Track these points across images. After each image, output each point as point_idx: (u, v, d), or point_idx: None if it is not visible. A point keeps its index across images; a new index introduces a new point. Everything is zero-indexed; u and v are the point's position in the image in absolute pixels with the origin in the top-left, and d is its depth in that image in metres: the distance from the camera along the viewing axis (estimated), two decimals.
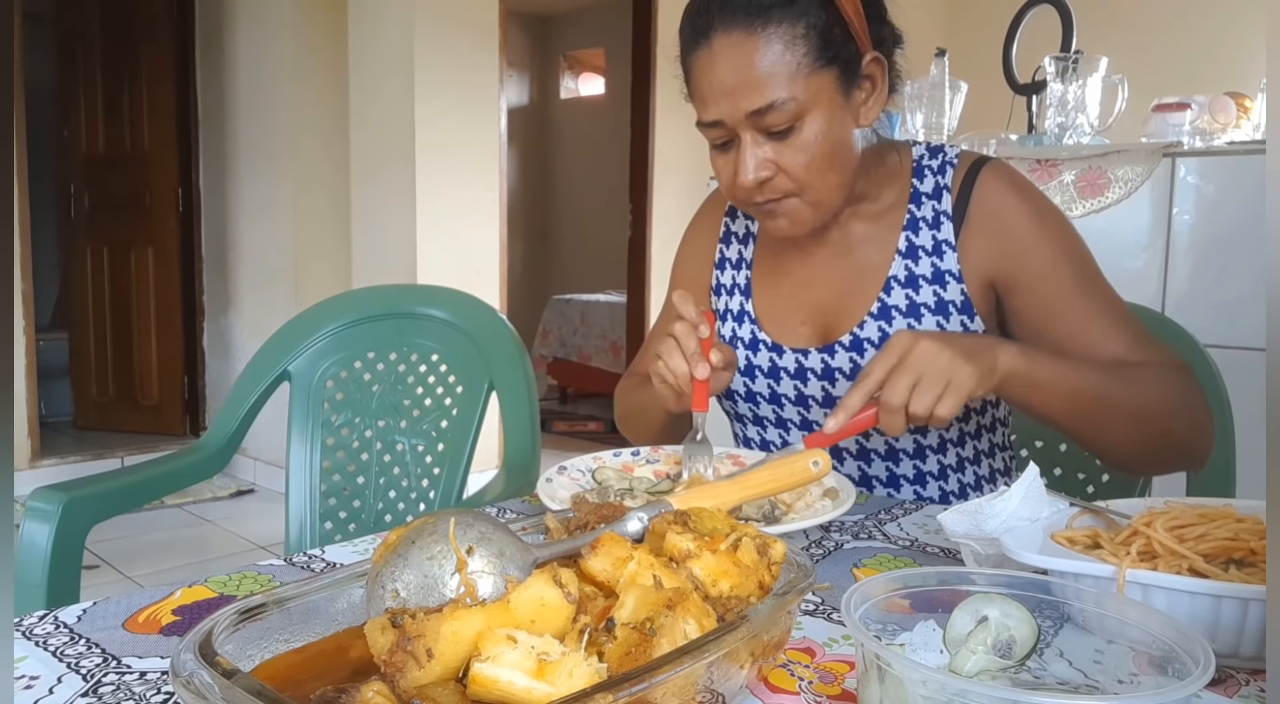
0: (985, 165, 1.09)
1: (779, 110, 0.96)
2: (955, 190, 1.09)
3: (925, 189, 1.10)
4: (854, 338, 1.10)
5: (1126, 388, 0.97)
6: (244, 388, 1.45)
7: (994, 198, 1.07)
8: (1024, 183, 1.09)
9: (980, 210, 1.07)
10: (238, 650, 0.50)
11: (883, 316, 1.09)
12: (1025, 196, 1.07)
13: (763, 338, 1.15)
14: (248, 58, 4.29)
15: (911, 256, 1.09)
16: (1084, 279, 1.05)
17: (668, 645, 0.46)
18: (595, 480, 1.01)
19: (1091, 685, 0.55)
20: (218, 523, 3.82)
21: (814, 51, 0.96)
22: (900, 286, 1.09)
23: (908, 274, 1.09)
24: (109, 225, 4.73)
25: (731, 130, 0.99)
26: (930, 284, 1.08)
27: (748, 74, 0.95)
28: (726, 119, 0.98)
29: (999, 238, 1.06)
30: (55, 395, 4.90)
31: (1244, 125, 2.31)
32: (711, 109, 0.99)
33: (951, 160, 1.11)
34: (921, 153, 1.13)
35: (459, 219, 3.83)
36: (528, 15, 7.15)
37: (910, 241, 1.10)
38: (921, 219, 1.10)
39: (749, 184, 1.00)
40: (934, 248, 1.08)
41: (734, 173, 1.01)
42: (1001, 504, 0.73)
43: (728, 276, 1.22)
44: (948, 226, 1.08)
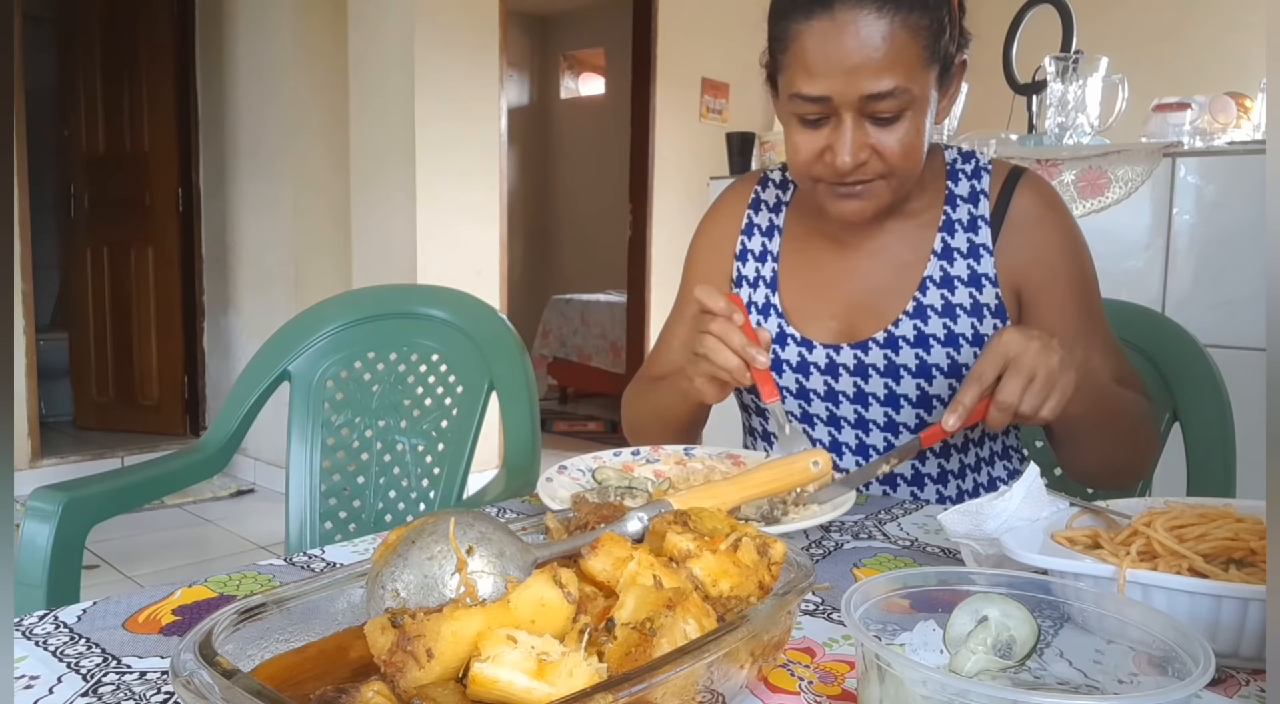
0: (1023, 175, 1.11)
1: (895, 98, 0.95)
2: (994, 196, 1.10)
3: (960, 192, 1.11)
4: (889, 335, 1.10)
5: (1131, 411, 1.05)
6: (244, 388, 1.45)
7: (1034, 209, 1.09)
8: (1058, 198, 1.12)
9: (1020, 219, 1.09)
10: (238, 650, 0.50)
11: (918, 315, 1.09)
12: (1060, 212, 1.10)
13: (791, 332, 1.15)
14: (248, 57, 4.28)
15: (947, 258, 1.10)
16: (1093, 303, 1.11)
17: (668, 645, 0.46)
18: (595, 480, 1.01)
19: (1091, 685, 0.55)
20: (218, 523, 3.81)
21: (931, 45, 0.96)
22: (935, 287, 1.09)
23: (943, 275, 1.10)
24: (109, 225, 4.73)
25: (834, 108, 0.97)
26: (966, 286, 1.09)
27: (874, 55, 0.93)
28: (836, 97, 0.96)
29: (1034, 248, 1.08)
30: (55, 395, 4.90)
31: (1244, 125, 2.31)
32: (821, 83, 0.95)
33: (985, 166, 1.12)
34: (954, 156, 1.14)
35: (459, 219, 3.83)
36: (528, 15, 7.15)
37: (946, 243, 1.10)
38: (957, 221, 1.11)
39: (847, 166, 0.98)
40: (970, 250, 1.09)
41: (822, 150, 1.00)
42: (1002, 504, 0.74)
43: (750, 268, 1.20)
44: (986, 231, 1.09)
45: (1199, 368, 1.26)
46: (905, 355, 1.09)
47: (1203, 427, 1.25)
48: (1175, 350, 1.28)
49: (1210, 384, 1.24)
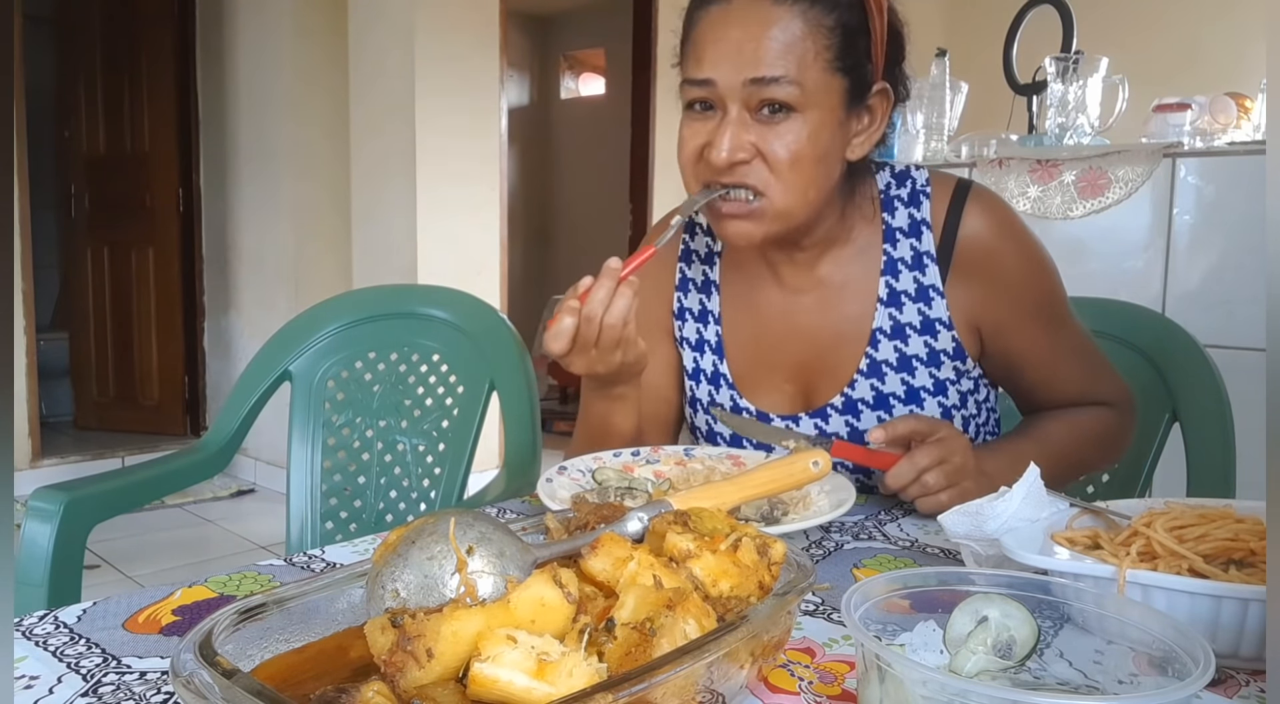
0: (969, 198, 1.01)
1: (780, 87, 0.89)
2: (938, 228, 1.01)
3: (898, 224, 1.03)
4: (846, 400, 1.05)
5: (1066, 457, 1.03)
6: (245, 388, 1.45)
7: (985, 241, 1.01)
8: (1011, 217, 1.03)
9: (971, 254, 1.01)
10: (238, 650, 0.50)
11: (874, 374, 1.04)
12: (1015, 237, 1.02)
13: (745, 405, 1.09)
14: (248, 58, 4.29)
15: (894, 304, 1.03)
16: (1057, 320, 1.06)
17: (668, 645, 0.46)
18: (595, 480, 1.01)
19: (1091, 686, 0.55)
20: (218, 523, 3.82)
21: (834, 49, 0.91)
22: (887, 338, 1.03)
23: (893, 324, 1.03)
24: (109, 225, 4.73)
25: (719, 95, 0.91)
26: (920, 334, 1.03)
27: (761, 40, 0.89)
28: (720, 82, 0.90)
29: (991, 283, 1.01)
30: (55, 395, 4.90)
31: (1244, 125, 2.31)
32: (707, 66, 0.91)
33: (923, 189, 1.03)
34: (888, 181, 1.05)
35: (459, 219, 3.83)
36: (528, 15, 7.15)
37: (891, 287, 1.03)
38: (900, 260, 1.02)
39: (721, 161, 0.91)
40: (918, 293, 1.02)
41: (704, 146, 0.93)
42: (1002, 505, 0.74)
43: (691, 329, 1.13)
44: (933, 270, 1.01)
45: (1199, 368, 1.26)
46: (867, 419, 1.04)
47: (1203, 427, 1.25)
48: (1175, 350, 1.28)
49: (1210, 384, 1.24)
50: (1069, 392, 1.08)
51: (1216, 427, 1.24)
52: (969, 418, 1.08)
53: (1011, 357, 1.06)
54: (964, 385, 1.06)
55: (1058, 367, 1.06)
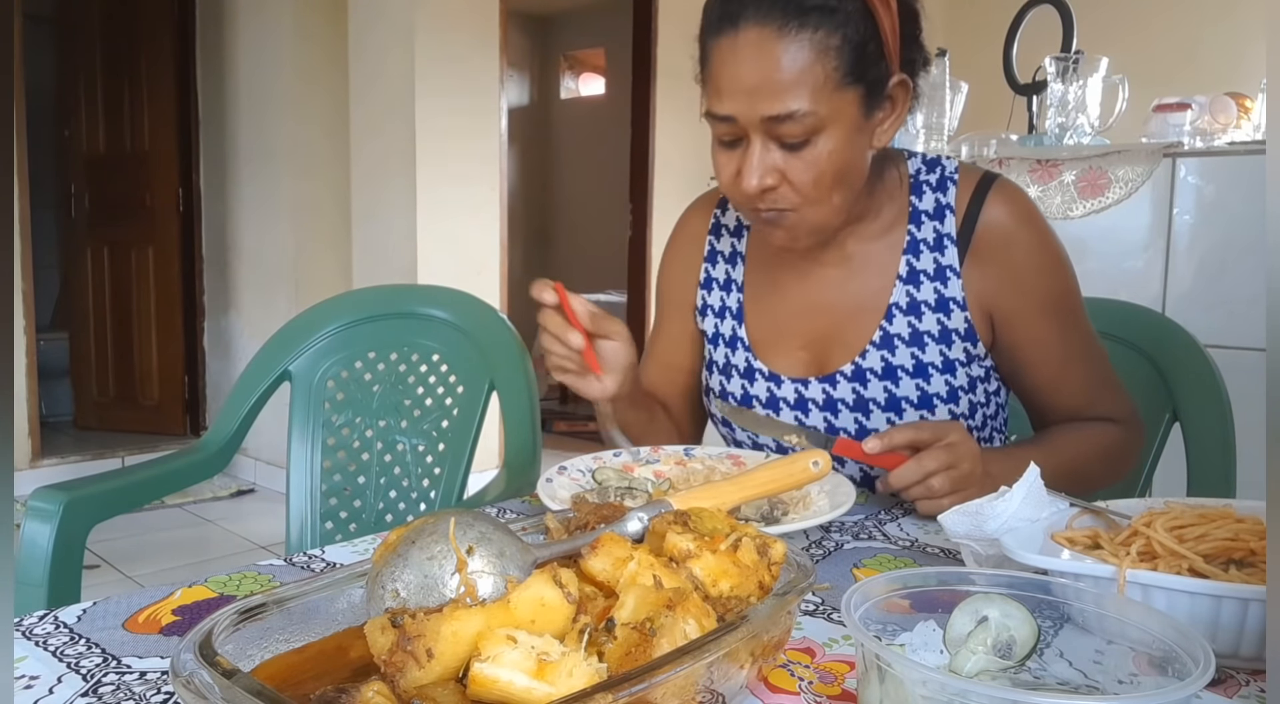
0: (994, 185, 1.04)
1: (797, 121, 0.91)
2: (961, 212, 1.04)
3: (925, 207, 1.06)
4: (856, 368, 1.07)
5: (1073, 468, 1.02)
6: (244, 388, 1.45)
7: (1004, 227, 1.03)
8: (1033, 210, 1.06)
9: (989, 238, 1.04)
10: (238, 650, 0.50)
11: (885, 346, 1.06)
12: (1034, 227, 1.05)
13: (759, 367, 1.12)
14: (248, 58, 4.29)
15: (913, 282, 1.06)
16: (1068, 319, 1.07)
17: (668, 645, 0.46)
18: (595, 480, 1.01)
19: (1091, 686, 0.55)
20: (218, 523, 3.82)
21: (845, 66, 0.92)
22: (902, 313, 1.06)
23: (910, 301, 1.06)
24: (109, 225, 4.73)
25: (742, 129, 0.94)
26: (934, 312, 1.05)
27: (773, 76, 0.90)
28: (740, 117, 0.93)
29: (1006, 270, 1.04)
30: (55, 395, 4.90)
31: (1244, 125, 2.31)
32: (727, 103, 0.93)
33: (951, 175, 1.06)
34: (918, 167, 1.08)
35: (459, 219, 3.83)
36: (528, 15, 7.15)
37: (911, 265, 1.06)
38: (922, 241, 1.06)
39: (751, 190, 0.95)
40: (936, 273, 1.05)
41: (736, 173, 0.97)
42: (1002, 505, 0.73)
43: (715, 298, 1.18)
44: (952, 251, 1.05)
45: (1199, 368, 1.26)
46: (874, 389, 1.06)
47: (1203, 427, 1.25)
48: (1175, 350, 1.28)
49: (1210, 384, 1.24)
50: (1075, 397, 1.07)
51: (1216, 426, 1.24)
52: (976, 404, 1.08)
53: (1020, 351, 1.06)
54: (974, 370, 1.07)
55: (1065, 369, 1.06)
